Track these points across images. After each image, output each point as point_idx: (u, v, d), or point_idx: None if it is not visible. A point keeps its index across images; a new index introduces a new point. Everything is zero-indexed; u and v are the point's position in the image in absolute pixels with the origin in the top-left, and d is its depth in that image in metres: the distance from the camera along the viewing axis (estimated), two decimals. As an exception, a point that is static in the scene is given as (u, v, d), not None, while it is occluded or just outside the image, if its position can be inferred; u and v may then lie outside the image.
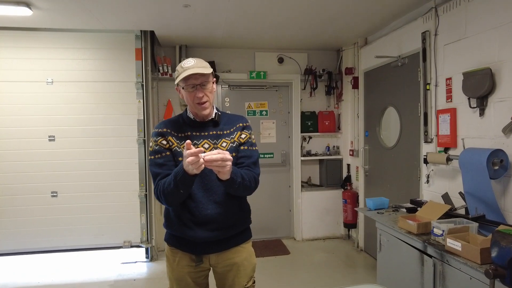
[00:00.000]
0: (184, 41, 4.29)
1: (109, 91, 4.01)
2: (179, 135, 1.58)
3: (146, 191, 3.97)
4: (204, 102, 1.53)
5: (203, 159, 1.32)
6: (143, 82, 3.92)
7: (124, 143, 4.02)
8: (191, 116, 1.61)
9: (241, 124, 1.64)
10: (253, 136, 1.68)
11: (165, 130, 1.58)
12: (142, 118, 3.93)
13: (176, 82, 1.52)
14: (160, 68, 4.23)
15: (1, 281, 3.55)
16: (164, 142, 1.56)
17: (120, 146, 4.02)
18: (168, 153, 1.56)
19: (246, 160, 1.59)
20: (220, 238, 1.58)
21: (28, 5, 2.96)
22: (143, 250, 4.05)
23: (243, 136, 1.62)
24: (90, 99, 3.98)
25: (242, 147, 1.60)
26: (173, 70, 4.35)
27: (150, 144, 1.60)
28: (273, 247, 4.45)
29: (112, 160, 4.02)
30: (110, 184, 4.04)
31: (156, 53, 4.24)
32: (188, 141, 1.34)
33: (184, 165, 1.36)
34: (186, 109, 1.64)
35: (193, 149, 1.31)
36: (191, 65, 1.48)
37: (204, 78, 1.50)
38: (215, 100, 4.43)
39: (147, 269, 3.84)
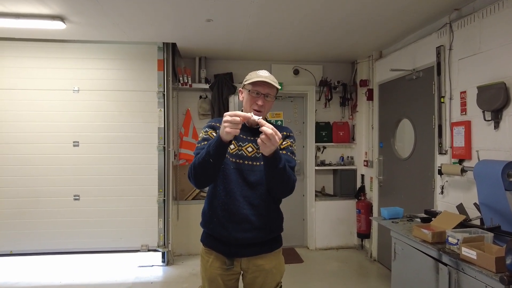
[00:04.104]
0: (204, 53, 4.46)
1: (131, 100, 4.17)
2: None
3: (164, 197, 4.10)
4: (259, 111, 1.65)
5: (258, 121, 1.40)
6: (164, 91, 4.08)
7: (145, 149, 4.15)
8: None
9: (285, 133, 1.74)
10: (294, 146, 1.75)
11: (217, 125, 1.70)
12: (163, 126, 4.08)
13: (245, 82, 1.68)
14: (180, 78, 4.39)
15: (25, 279, 3.70)
16: (214, 134, 1.68)
17: (141, 152, 4.16)
18: None
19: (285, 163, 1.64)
20: (253, 242, 1.65)
21: (62, 19, 3.17)
22: (159, 254, 4.15)
23: (284, 142, 1.71)
24: (113, 107, 4.15)
25: (281, 151, 1.65)
26: (193, 80, 4.52)
27: (200, 134, 1.73)
28: (286, 256, 4.40)
29: (133, 166, 4.15)
30: (129, 189, 4.16)
31: (176, 64, 4.41)
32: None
33: (221, 129, 1.43)
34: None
35: (239, 112, 1.41)
36: (266, 76, 1.65)
37: (270, 91, 1.65)
38: (234, 108, 4.55)
39: (163, 273, 3.94)
